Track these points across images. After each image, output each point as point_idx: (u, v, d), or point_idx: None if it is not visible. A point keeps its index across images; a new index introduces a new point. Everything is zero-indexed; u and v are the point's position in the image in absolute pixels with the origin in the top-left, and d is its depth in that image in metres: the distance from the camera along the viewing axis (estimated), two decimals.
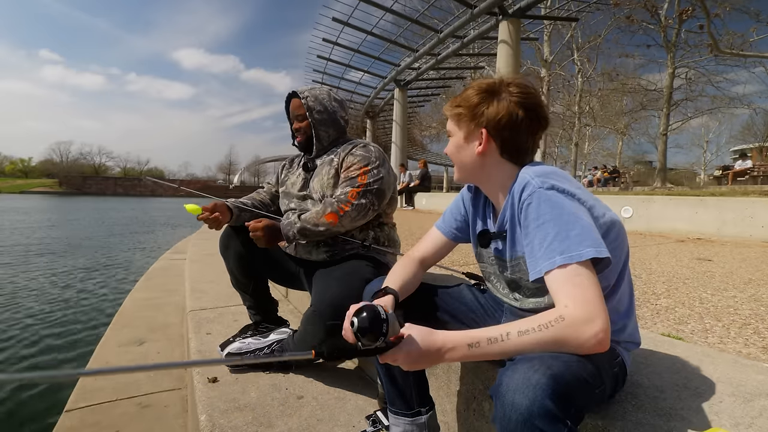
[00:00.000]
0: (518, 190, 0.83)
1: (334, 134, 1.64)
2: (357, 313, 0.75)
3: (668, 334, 1.41)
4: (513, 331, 0.68)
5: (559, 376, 0.61)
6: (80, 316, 4.54)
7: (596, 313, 0.66)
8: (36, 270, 6.81)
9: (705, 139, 34.85)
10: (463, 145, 0.93)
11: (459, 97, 0.93)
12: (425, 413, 1.08)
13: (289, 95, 1.67)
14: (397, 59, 15.48)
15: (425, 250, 1.11)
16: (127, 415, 1.67)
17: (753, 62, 13.92)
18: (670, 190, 11.55)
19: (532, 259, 0.77)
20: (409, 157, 22.77)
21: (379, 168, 1.52)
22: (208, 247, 4.58)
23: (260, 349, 1.60)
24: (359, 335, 0.73)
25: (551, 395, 0.59)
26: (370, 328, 0.72)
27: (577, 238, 0.72)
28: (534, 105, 0.87)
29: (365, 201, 1.47)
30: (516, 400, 0.60)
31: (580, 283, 0.69)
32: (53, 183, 62.39)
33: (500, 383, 0.64)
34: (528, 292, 0.92)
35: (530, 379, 0.60)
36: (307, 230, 1.47)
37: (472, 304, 1.08)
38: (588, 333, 0.65)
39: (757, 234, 4.08)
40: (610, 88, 20.52)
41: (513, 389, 0.61)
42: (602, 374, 0.72)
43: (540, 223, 0.76)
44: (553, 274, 0.72)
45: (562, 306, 0.68)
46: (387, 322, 0.73)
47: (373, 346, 0.72)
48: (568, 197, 0.77)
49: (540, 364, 0.63)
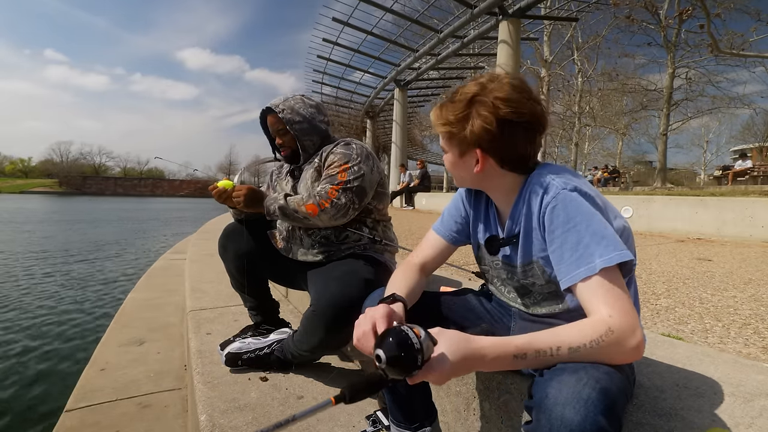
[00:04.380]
0: (538, 192, 0.79)
1: (318, 140, 1.61)
2: (381, 341, 0.63)
3: (668, 334, 1.41)
4: (564, 347, 0.65)
5: (608, 390, 0.60)
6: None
7: (636, 323, 0.65)
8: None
9: (705, 139, 34.87)
10: (458, 163, 0.87)
11: (443, 111, 0.84)
12: (428, 425, 1.04)
13: (263, 111, 1.63)
14: (397, 59, 15.46)
15: (425, 255, 1.04)
16: (127, 415, 1.67)
17: (753, 62, 13.91)
18: (670, 190, 11.55)
19: (562, 264, 0.73)
20: (409, 157, 22.75)
21: (360, 165, 1.48)
22: (208, 247, 4.58)
23: (260, 349, 1.60)
24: (388, 369, 0.62)
25: (603, 411, 0.57)
26: (402, 360, 0.61)
27: (612, 240, 0.70)
28: (528, 112, 0.79)
29: (345, 200, 1.44)
30: (566, 415, 0.57)
31: (618, 291, 0.67)
32: (53, 183, 62.46)
33: (545, 395, 0.61)
34: (539, 297, 0.88)
35: (581, 394, 0.58)
36: (287, 210, 1.45)
37: (479, 310, 1.03)
38: (632, 344, 0.64)
39: (757, 234, 4.08)
40: (610, 88, 20.51)
41: (562, 403, 0.58)
42: (630, 383, 0.71)
43: (570, 227, 0.72)
44: (589, 281, 0.69)
45: (605, 316, 0.65)
46: (421, 351, 0.61)
47: (403, 377, 0.62)
48: (590, 200, 0.74)
49: (587, 377, 0.60)
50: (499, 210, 0.94)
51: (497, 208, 0.94)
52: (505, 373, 0.96)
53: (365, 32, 13.29)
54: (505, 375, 0.96)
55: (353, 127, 25.22)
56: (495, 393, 0.98)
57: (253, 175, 2.00)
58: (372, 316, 0.76)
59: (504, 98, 0.78)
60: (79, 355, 3.45)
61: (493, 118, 0.78)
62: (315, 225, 1.49)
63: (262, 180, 1.90)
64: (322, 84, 19.06)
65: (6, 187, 59.66)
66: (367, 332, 0.74)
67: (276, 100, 1.60)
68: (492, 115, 0.78)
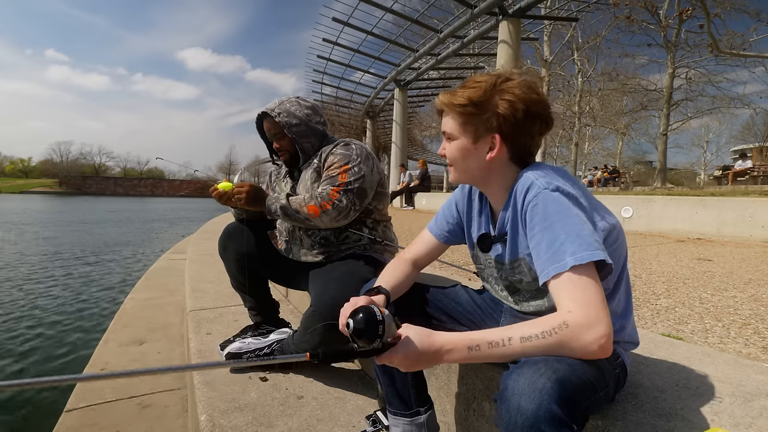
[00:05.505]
0: (521, 191, 0.80)
1: (317, 141, 1.61)
2: (353, 315, 0.73)
3: (668, 334, 1.41)
4: (515, 336, 0.67)
5: (565, 380, 0.61)
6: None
7: (599, 319, 0.66)
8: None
9: (705, 139, 34.89)
10: (470, 150, 0.86)
11: (466, 91, 0.83)
12: (424, 413, 1.07)
13: (259, 116, 1.61)
14: (397, 59, 15.47)
15: (417, 251, 1.09)
16: (127, 415, 1.67)
17: (753, 62, 13.91)
18: (670, 190, 11.54)
19: (539, 261, 0.75)
20: (409, 157, 22.75)
21: (360, 165, 1.48)
22: (208, 247, 4.58)
23: (260, 349, 1.60)
24: (355, 337, 0.71)
25: (557, 400, 0.58)
26: (366, 330, 0.70)
27: (586, 239, 0.71)
28: (546, 105, 0.83)
29: (346, 201, 1.44)
30: (522, 405, 0.59)
31: (584, 288, 0.68)
32: (53, 183, 62.49)
33: (505, 387, 0.63)
34: (527, 294, 0.91)
35: (536, 384, 0.60)
36: (288, 210, 1.45)
37: (468, 304, 1.07)
38: (590, 338, 0.65)
39: (757, 234, 4.08)
40: (610, 88, 20.52)
41: (519, 393, 0.60)
42: (605, 376, 0.72)
43: (547, 225, 0.74)
44: (559, 278, 0.70)
45: (565, 311, 0.68)
46: (383, 323, 0.71)
47: (369, 348, 0.71)
48: (572, 200, 0.76)
49: (545, 368, 0.62)
50: (493, 208, 0.96)
51: (491, 207, 0.96)
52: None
53: (365, 32, 13.29)
54: None
55: (353, 127, 25.22)
56: (495, 393, 0.98)
57: (253, 175, 2.00)
58: (354, 304, 0.83)
59: (532, 86, 0.82)
60: (79, 355, 3.45)
61: (522, 105, 0.80)
62: (316, 226, 1.49)
63: (262, 180, 1.90)
64: (322, 84, 19.07)
65: (6, 187, 59.69)
66: (347, 316, 0.80)
67: (271, 104, 1.59)
68: (521, 100, 0.80)
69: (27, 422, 2.43)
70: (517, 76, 0.83)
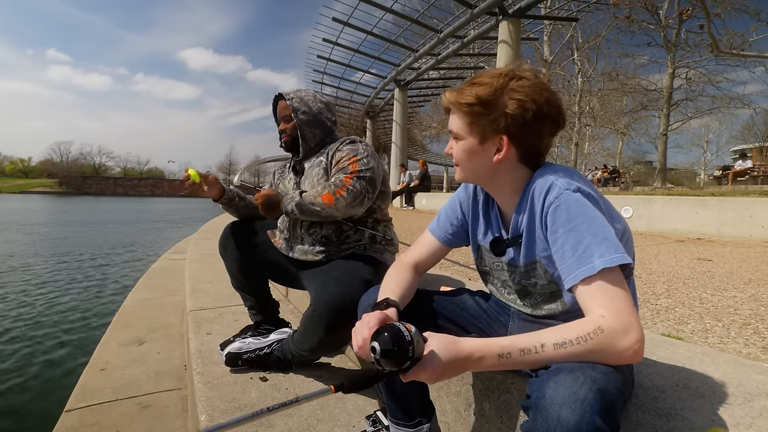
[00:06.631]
0: (540, 192, 0.77)
1: (321, 134, 1.64)
2: (376, 336, 0.67)
3: (668, 334, 1.41)
4: (548, 343, 0.65)
5: (605, 391, 0.59)
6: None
7: (632, 325, 0.64)
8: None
9: (705, 139, 34.89)
10: (476, 151, 0.82)
11: (474, 89, 0.79)
12: (426, 422, 1.04)
13: (276, 97, 1.70)
14: (397, 59, 15.46)
15: (419, 255, 1.05)
16: (127, 415, 1.67)
17: (753, 62, 13.92)
18: (670, 190, 11.55)
19: (563, 264, 0.73)
20: (409, 157, 22.74)
21: (369, 158, 1.52)
22: (208, 247, 4.58)
23: (260, 349, 1.60)
24: (382, 360, 0.66)
25: (600, 411, 0.57)
26: (396, 352, 0.65)
27: (613, 242, 0.69)
28: (558, 105, 0.80)
29: (359, 187, 1.45)
30: (563, 416, 0.57)
31: (615, 292, 0.67)
32: (53, 183, 62.46)
33: (542, 395, 0.60)
34: (540, 298, 0.88)
35: (578, 394, 0.58)
36: (304, 206, 1.46)
37: (474, 310, 1.03)
38: (626, 344, 0.64)
39: (757, 234, 4.08)
40: (610, 88, 20.54)
41: (559, 403, 0.58)
42: (628, 383, 0.71)
43: (572, 227, 0.72)
44: (588, 281, 0.68)
45: (598, 316, 0.66)
46: (412, 343, 0.66)
47: (397, 369, 0.66)
48: (593, 201, 0.74)
49: (584, 377, 0.60)
50: (502, 210, 0.92)
51: (500, 209, 0.93)
52: (505, 373, 0.96)
53: (365, 32, 13.29)
54: (505, 375, 0.96)
55: (353, 127, 25.21)
56: (495, 393, 0.98)
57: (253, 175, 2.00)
58: (368, 323, 0.78)
59: (542, 85, 0.79)
60: (79, 355, 3.45)
61: (532, 105, 0.77)
62: (332, 216, 1.48)
63: (263, 180, 1.91)
64: (322, 84, 19.06)
65: (6, 187, 59.66)
66: (366, 339, 0.75)
67: (290, 89, 1.68)
68: (531, 100, 0.77)
69: (27, 422, 2.43)
70: (529, 74, 0.80)
